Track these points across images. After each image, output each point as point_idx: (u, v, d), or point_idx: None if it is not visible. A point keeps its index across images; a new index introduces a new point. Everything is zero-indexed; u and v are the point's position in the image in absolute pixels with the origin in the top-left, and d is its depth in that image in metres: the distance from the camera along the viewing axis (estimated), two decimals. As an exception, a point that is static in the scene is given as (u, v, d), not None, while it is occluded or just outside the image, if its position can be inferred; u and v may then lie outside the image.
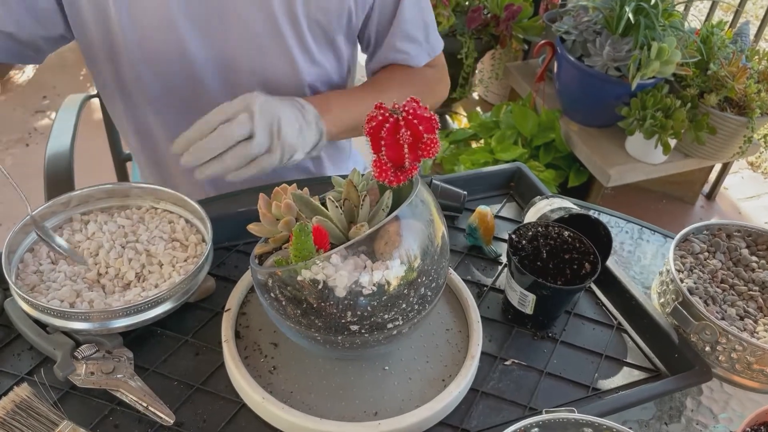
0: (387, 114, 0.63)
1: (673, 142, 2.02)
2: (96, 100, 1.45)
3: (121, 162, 1.53)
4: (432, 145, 0.64)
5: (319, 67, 1.01)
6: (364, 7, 1.00)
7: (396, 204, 0.67)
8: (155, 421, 0.68)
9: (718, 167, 2.50)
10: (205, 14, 0.91)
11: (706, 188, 2.57)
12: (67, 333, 0.73)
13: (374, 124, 0.63)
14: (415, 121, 0.62)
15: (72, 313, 0.70)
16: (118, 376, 0.70)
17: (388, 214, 0.66)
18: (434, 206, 0.70)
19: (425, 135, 0.63)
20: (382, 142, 0.63)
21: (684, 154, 2.13)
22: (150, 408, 0.68)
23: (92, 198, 0.84)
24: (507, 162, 2.21)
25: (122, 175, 1.55)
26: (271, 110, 0.82)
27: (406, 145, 0.63)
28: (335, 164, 1.21)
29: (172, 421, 0.68)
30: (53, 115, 1.29)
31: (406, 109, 0.63)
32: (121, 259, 0.79)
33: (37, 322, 0.73)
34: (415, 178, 0.68)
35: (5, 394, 0.67)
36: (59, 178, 1.11)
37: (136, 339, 0.76)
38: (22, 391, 0.67)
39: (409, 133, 0.63)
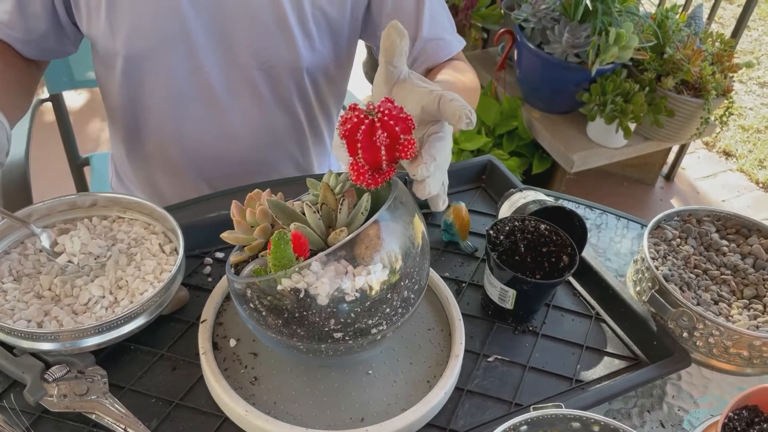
0: (362, 116, 0.61)
1: (632, 126, 2.05)
2: (48, 104, 1.40)
3: (78, 167, 1.48)
4: (409, 146, 0.62)
5: (318, 54, 1.01)
6: None
7: (375, 206, 0.65)
8: (134, 441, 0.66)
9: (675, 148, 2.55)
10: None
11: (665, 169, 2.62)
12: (36, 354, 0.69)
13: (349, 126, 0.62)
14: (391, 122, 0.61)
15: (40, 334, 0.67)
16: (93, 397, 0.67)
17: (368, 217, 0.64)
18: (413, 206, 0.69)
19: (402, 136, 0.62)
20: (359, 145, 0.62)
21: (643, 137, 2.17)
22: (128, 429, 0.65)
23: (54, 210, 0.81)
24: (471, 152, 2.22)
25: (80, 181, 1.50)
26: None
27: (382, 147, 0.62)
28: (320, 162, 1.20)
29: (152, 441, 0.65)
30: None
31: (381, 110, 0.61)
32: (89, 275, 0.76)
33: (3, 344, 0.70)
34: (393, 180, 0.66)
35: (-27, 423, 0.64)
36: (15, 190, 1.06)
37: (109, 356, 0.73)
38: (-9, 418, 0.65)
39: (385, 134, 0.61)
